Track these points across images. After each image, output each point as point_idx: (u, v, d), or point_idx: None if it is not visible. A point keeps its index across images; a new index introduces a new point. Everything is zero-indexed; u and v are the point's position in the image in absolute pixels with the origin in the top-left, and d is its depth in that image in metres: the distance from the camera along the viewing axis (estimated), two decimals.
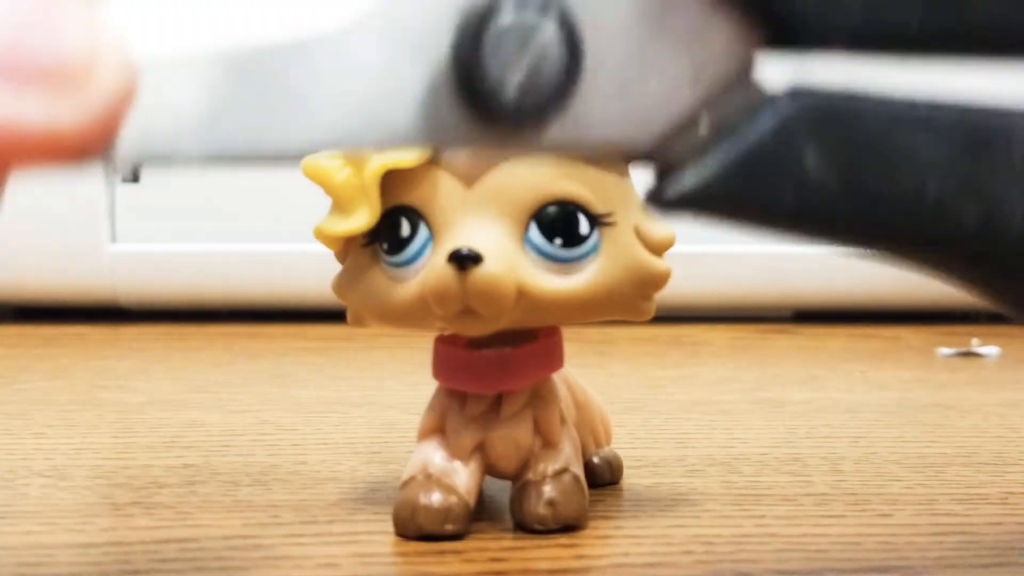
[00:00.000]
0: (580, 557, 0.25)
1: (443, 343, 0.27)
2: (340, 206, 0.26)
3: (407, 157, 0.25)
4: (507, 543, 0.25)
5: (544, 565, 0.24)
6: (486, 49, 0.17)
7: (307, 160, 0.26)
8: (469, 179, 0.25)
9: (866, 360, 0.58)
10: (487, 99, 0.18)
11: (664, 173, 0.20)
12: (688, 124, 0.19)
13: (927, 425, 0.40)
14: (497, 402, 0.27)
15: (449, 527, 0.26)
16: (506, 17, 0.17)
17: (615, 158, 0.20)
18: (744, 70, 0.19)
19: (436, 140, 0.18)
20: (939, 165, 0.20)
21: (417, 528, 0.26)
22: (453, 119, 0.18)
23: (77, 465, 0.33)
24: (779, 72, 0.19)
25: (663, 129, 0.19)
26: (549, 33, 0.18)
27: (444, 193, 0.25)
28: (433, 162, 0.25)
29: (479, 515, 0.27)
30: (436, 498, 0.26)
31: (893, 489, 0.30)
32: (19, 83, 0.16)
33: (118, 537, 0.26)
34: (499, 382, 0.26)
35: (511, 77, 0.18)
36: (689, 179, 0.19)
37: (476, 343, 0.26)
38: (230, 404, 0.44)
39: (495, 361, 0.26)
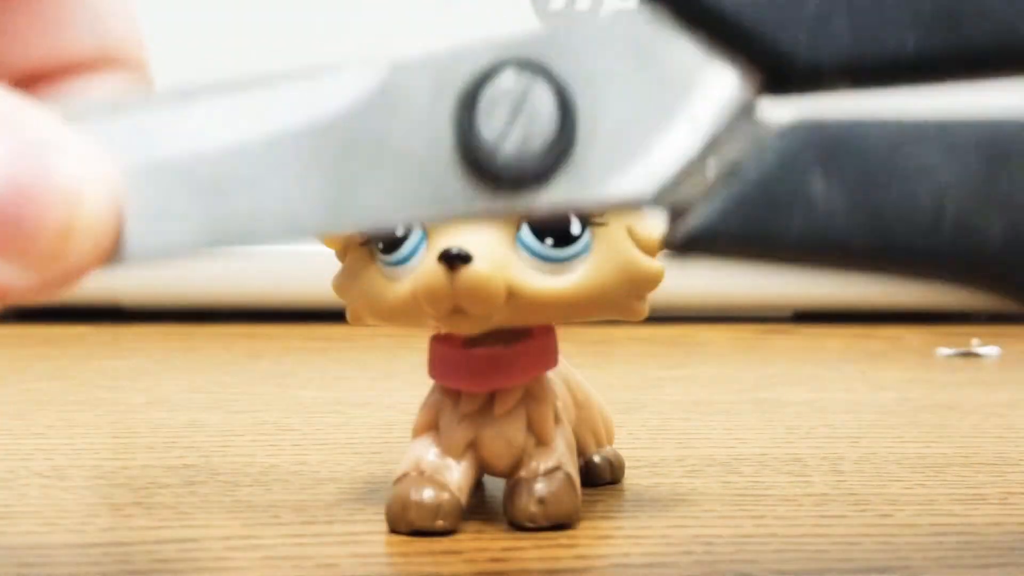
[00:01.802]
0: (580, 557, 0.25)
1: (438, 342, 0.27)
2: None
3: None
4: (507, 543, 0.25)
5: (544, 565, 0.24)
6: (481, 115, 0.18)
7: None
8: None
9: (866, 360, 0.58)
10: (485, 164, 0.18)
11: (676, 218, 0.20)
12: (694, 169, 0.19)
13: (927, 425, 0.40)
14: (490, 400, 0.27)
15: (440, 523, 0.26)
16: (499, 82, 0.18)
17: (624, 209, 0.20)
18: (747, 113, 0.19)
19: (443, 209, 0.19)
20: (956, 182, 0.19)
21: (408, 524, 0.26)
22: (457, 187, 0.18)
23: (77, 465, 0.33)
24: (785, 113, 0.19)
25: (667, 178, 0.19)
26: (540, 94, 0.18)
27: None
28: None
29: (480, 515, 0.27)
30: (428, 494, 0.26)
31: (893, 489, 0.30)
32: None
33: (118, 537, 0.26)
34: (492, 380, 0.26)
35: (506, 141, 0.18)
36: (695, 221, 0.19)
37: (471, 342, 0.26)
38: (230, 404, 0.44)
39: (488, 359, 0.26)
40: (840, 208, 0.19)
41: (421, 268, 0.25)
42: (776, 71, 0.19)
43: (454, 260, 0.24)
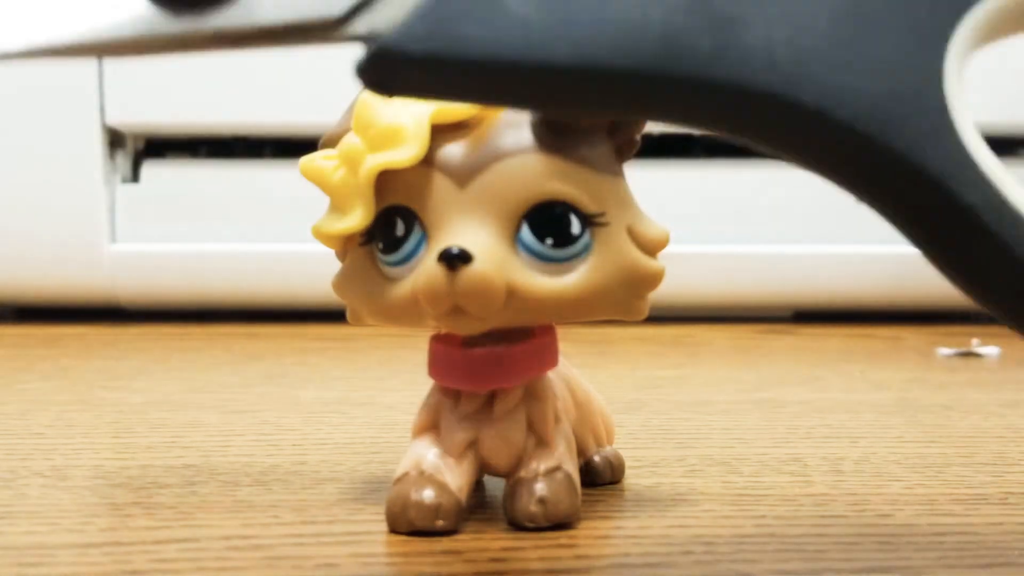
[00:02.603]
0: (580, 557, 0.25)
1: (438, 341, 0.27)
2: (336, 206, 0.26)
3: (401, 158, 0.25)
4: (507, 543, 0.25)
5: (544, 565, 0.24)
6: None
7: (304, 160, 0.26)
8: (462, 179, 0.25)
9: (866, 360, 0.58)
10: None
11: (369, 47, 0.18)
12: None
13: (927, 425, 0.40)
14: (490, 400, 0.27)
15: (440, 523, 0.26)
16: None
17: (311, 39, 0.19)
18: None
19: (126, 32, 0.19)
20: None
21: (408, 523, 0.26)
22: (139, 10, 0.18)
23: (77, 465, 0.33)
24: None
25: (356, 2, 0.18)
26: None
27: (437, 193, 0.25)
28: (427, 163, 0.25)
29: (480, 515, 0.27)
30: (428, 494, 0.26)
31: (893, 489, 0.30)
32: None
33: (118, 537, 0.26)
34: (492, 380, 0.26)
35: None
36: (381, 40, 0.18)
37: (470, 341, 0.26)
38: (230, 404, 0.44)
39: (488, 359, 0.26)
40: (533, 15, 0.17)
41: (421, 268, 0.25)
42: None
43: (454, 260, 0.24)
